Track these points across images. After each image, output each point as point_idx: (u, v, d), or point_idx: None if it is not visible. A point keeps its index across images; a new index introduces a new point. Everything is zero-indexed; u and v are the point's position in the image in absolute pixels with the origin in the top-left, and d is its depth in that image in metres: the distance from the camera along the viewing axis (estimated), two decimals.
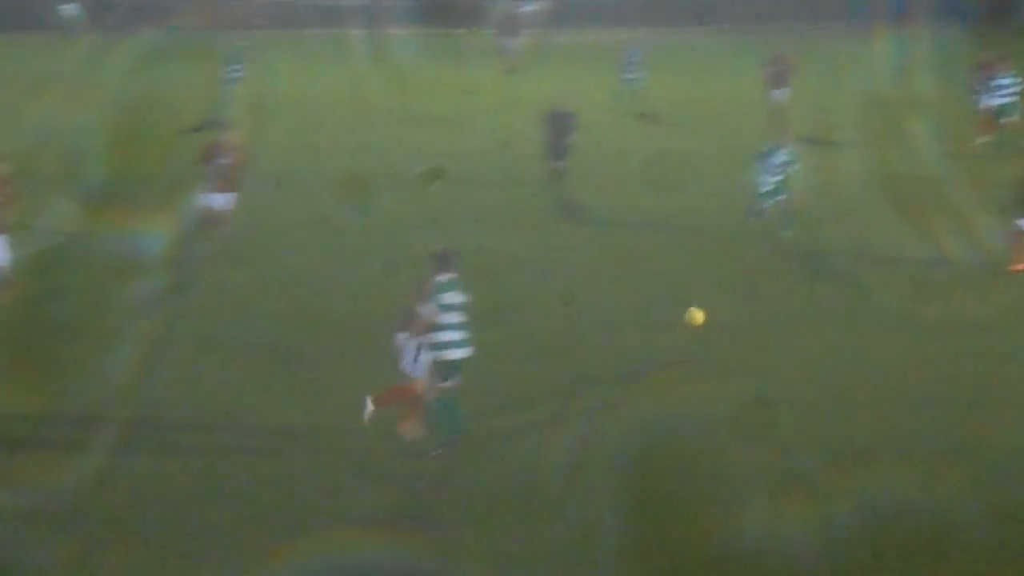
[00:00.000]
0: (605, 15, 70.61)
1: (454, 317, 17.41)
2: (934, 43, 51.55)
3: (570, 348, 21.69)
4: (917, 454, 17.51)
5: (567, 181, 31.54)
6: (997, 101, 36.76)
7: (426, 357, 17.50)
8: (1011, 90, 36.72)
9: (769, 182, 28.41)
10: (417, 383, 17.91)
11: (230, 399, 19.71)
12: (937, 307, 23.59)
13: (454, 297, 17.44)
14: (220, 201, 27.06)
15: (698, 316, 21.69)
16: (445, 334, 17.39)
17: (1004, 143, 35.97)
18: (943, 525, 15.45)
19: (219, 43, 43.80)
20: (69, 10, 63.43)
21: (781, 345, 21.94)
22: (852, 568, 14.83)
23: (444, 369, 17.47)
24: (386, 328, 18.01)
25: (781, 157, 28.56)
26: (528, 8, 68.40)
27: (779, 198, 28.33)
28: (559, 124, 31.86)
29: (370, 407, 17.94)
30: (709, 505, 16.18)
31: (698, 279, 25.65)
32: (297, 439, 18.30)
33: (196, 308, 23.98)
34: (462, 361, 17.53)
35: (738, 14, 73.73)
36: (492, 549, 15.33)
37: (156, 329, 22.51)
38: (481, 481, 16.93)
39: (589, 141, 33.23)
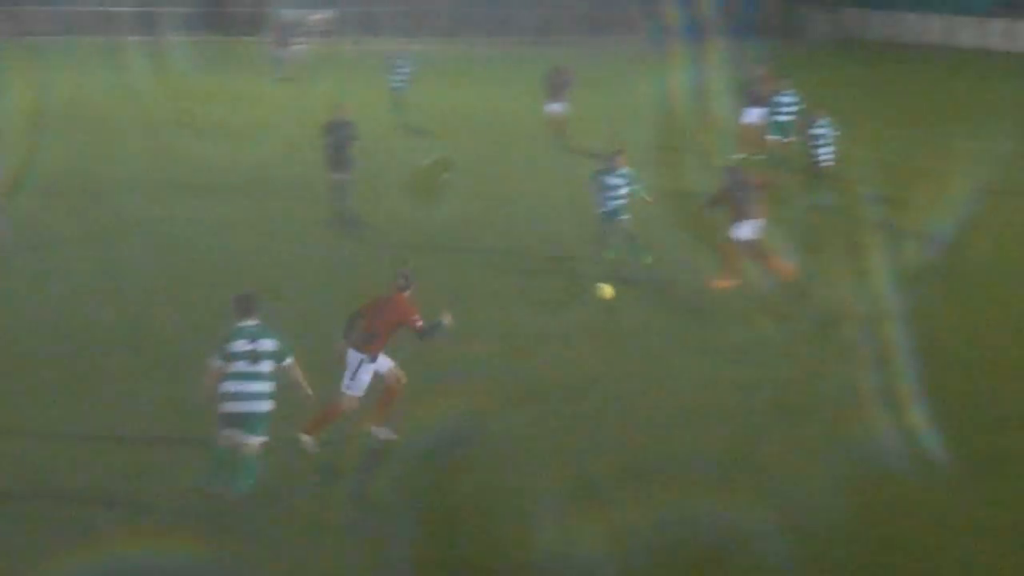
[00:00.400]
0: (396, 25, 70.42)
1: (244, 366, 15.77)
2: (723, 58, 52.01)
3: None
4: (701, 469, 17.52)
5: (351, 193, 30.55)
6: (777, 118, 36.75)
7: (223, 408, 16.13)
8: (790, 108, 36.79)
9: (609, 205, 26.64)
10: (344, 401, 17.43)
11: (9, 410, 19.05)
12: (714, 328, 23.32)
13: (245, 345, 15.79)
14: None
15: (607, 291, 21.18)
16: (232, 384, 15.82)
17: (775, 161, 36.21)
18: (726, 538, 15.58)
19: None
20: None
21: (572, 361, 21.55)
22: None
23: (234, 423, 15.97)
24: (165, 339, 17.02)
25: (617, 179, 26.79)
26: (315, 16, 67.69)
27: (620, 219, 26.76)
28: (339, 134, 30.86)
29: (305, 438, 17.38)
30: (499, 517, 16.05)
31: (480, 290, 25.12)
32: (79, 449, 17.75)
33: None
34: (261, 416, 15.89)
35: (530, 26, 74.06)
36: (277, 562, 15.01)
37: None
38: (267, 494, 16.28)
39: (359, 152, 32.47)
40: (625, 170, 26.98)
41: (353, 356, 17.68)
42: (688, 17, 65.37)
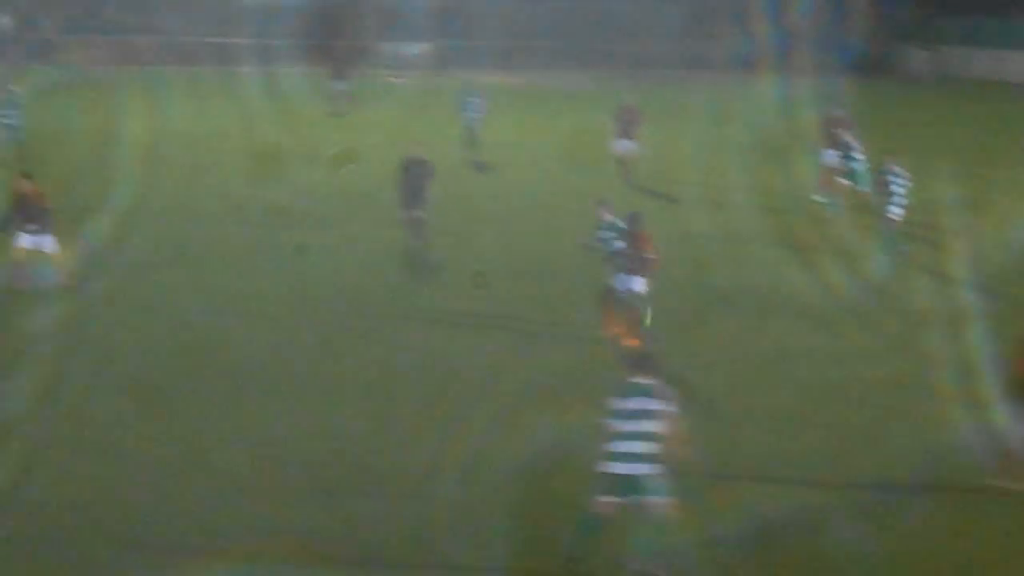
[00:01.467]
0: (493, 58, 70.99)
1: (635, 426, 14.62)
2: (816, 97, 51.20)
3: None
4: (790, 472, 17.89)
5: (424, 231, 30.09)
6: (852, 164, 35.02)
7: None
8: (859, 155, 34.84)
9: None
10: None
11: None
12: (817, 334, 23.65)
13: (642, 403, 14.66)
14: (44, 243, 26.99)
15: None
16: (619, 444, 14.68)
17: (846, 207, 35.00)
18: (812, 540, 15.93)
19: (113, 80, 43.45)
20: None
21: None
22: None
23: (612, 484, 14.74)
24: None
25: (606, 233, 24.00)
26: (412, 50, 68.27)
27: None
28: (415, 172, 30.02)
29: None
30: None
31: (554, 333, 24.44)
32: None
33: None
34: (635, 479, 14.64)
35: (628, 59, 74.19)
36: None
37: None
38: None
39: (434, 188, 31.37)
40: (610, 220, 23.91)
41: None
42: (785, 54, 65.54)
